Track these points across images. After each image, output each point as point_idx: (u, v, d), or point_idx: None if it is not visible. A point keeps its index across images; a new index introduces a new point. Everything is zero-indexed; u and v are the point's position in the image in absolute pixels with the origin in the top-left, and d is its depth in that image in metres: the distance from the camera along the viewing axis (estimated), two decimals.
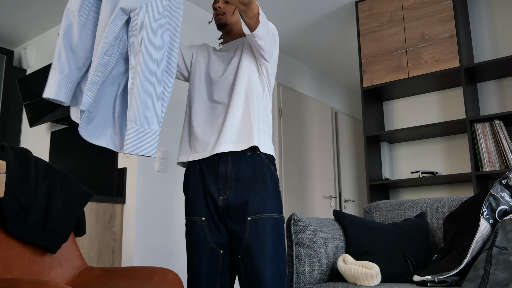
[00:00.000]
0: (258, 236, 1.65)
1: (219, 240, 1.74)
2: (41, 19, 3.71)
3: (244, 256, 1.67)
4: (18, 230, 1.49)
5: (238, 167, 1.72)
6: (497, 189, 1.84)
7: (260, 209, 1.68)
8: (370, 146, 3.31)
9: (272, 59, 1.82)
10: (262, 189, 1.70)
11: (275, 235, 1.68)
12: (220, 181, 1.73)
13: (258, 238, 1.65)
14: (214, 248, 1.73)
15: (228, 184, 1.72)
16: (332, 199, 4.67)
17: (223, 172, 1.73)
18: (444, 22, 3.05)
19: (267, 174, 1.72)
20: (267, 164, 1.74)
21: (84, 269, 1.70)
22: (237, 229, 1.69)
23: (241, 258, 1.68)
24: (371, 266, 1.76)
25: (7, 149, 1.55)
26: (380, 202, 2.38)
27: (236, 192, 1.71)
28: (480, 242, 1.74)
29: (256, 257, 1.64)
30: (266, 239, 1.65)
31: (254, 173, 1.71)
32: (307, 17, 3.78)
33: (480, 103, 3.21)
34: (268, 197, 1.70)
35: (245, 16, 1.62)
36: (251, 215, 1.67)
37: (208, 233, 1.75)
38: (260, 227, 1.66)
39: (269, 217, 1.68)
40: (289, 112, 4.33)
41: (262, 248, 1.64)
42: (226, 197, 1.72)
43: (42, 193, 1.58)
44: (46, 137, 3.66)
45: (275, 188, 1.74)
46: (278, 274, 1.65)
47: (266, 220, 1.67)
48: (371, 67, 3.31)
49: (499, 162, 2.79)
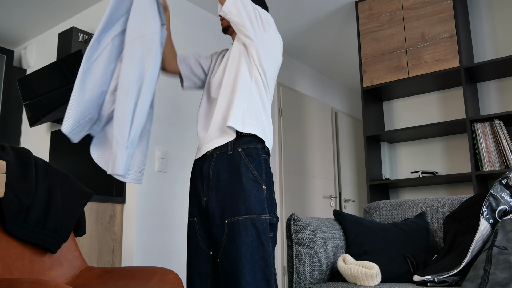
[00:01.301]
0: (233, 239, 1.62)
1: (208, 241, 1.73)
2: (41, 19, 3.71)
3: (222, 260, 1.64)
4: (18, 230, 1.48)
5: (218, 167, 1.72)
6: (497, 189, 1.84)
7: (235, 211, 1.64)
8: (370, 146, 3.31)
9: (261, 40, 1.80)
10: (237, 190, 1.66)
11: (252, 237, 1.61)
12: (204, 182, 1.75)
13: (233, 241, 1.61)
14: (204, 249, 1.73)
15: (210, 185, 1.73)
16: (332, 199, 4.67)
17: (206, 172, 1.75)
18: (444, 22, 3.05)
19: (243, 174, 1.67)
20: (245, 162, 1.69)
21: (84, 269, 1.70)
22: (216, 232, 1.67)
23: (219, 261, 1.66)
24: (371, 266, 1.76)
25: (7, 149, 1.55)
26: (380, 202, 2.38)
27: (216, 193, 1.70)
28: (480, 242, 1.74)
29: (231, 261, 1.60)
30: (240, 243, 1.60)
31: (232, 174, 1.69)
32: (307, 17, 3.78)
33: (480, 103, 3.21)
34: (243, 198, 1.65)
35: None
36: (228, 218, 1.65)
37: (198, 233, 1.76)
38: (235, 230, 1.62)
39: (243, 219, 1.63)
40: (289, 112, 4.33)
41: (236, 252, 1.60)
42: (208, 198, 1.72)
43: (42, 193, 1.58)
44: (46, 137, 3.66)
45: (253, 187, 1.67)
46: (260, 278, 1.60)
47: (241, 223, 1.62)
48: (371, 67, 3.31)
49: (499, 162, 2.79)
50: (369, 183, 3.18)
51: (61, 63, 3.19)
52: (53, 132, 3.57)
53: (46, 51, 3.86)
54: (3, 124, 3.77)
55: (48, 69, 3.30)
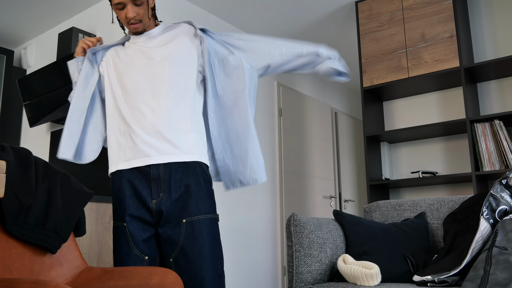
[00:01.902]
0: (195, 238, 1.63)
1: (144, 247, 1.74)
2: (41, 19, 3.71)
3: (178, 259, 1.65)
4: (18, 230, 1.48)
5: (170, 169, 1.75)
6: (497, 189, 1.84)
7: (195, 210, 1.66)
8: (370, 146, 3.31)
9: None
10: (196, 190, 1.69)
11: (211, 235, 1.66)
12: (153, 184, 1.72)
13: (194, 240, 1.63)
14: (138, 255, 1.73)
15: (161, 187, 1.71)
16: (332, 199, 4.67)
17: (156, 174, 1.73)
18: (444, 22, 3.05)
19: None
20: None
21: (84, 269, 1.70)
22: (170, 232, 1.67)
23: (173, 261, 1.65)
24: (371, 266, 1.76)
25: (7, 149, 1.55)
26: (380, 202, 2.38)
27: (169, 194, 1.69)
28: (480, 242, 1.74)
29: (193, 260, 1.62)
30: (202, 241, 1.63)
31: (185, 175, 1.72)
32: (307, 17, 3.78)
33: (480, 103, 3.21)
34: (202, 198, 1.68)
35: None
36: (186, 218, 1.65)
37: (130, 239, 1.78)
38: (196, 229, 1.64)
39: (204, 218, 1.66)
40: (289, 112, 4.33)
41: (199, 250, 1.62)
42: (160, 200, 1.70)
43: (42, 193, 1.58)
44: (46, 137, 3.65)
45: (209, 188, 1.72)
46: (217, 275, 1.65)
47: (202, 222, 1.65)
48: (371, 67, 3.31)
49: (499, 162, 2.79)
50: (369, 183, 3.18)
51: (61, 63, 3.19)
52: (53, 132, 3.57)
53: (46, 51, 3.86)
54: (3, 124, 3.77)
55: (48, 69, 3.30)
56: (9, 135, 3.81)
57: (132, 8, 1.70)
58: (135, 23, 1.74)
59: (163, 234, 1.68)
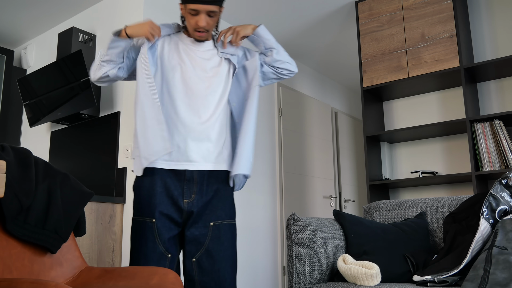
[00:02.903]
0: (220, 241, 1.75)
1: (169, 244, 1.84)
2: (41, 19, 3.71)
3: (202, 260, 1.73)
4: (18, 230, 1.48)
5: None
6: (497, 189, 1.84)
7: (222, 215, 1.78)
8: (370, 146, 3.31)
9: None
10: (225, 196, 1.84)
11: (234, 240, 1.80)
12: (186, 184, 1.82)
13: (220, 243, 1.75)
14: (163, 252, 1.83)
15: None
16: (332, 199, 4.67)
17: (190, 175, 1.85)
18: (444, 22, 3.05)
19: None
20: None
21: (84, 269, 1.70)
22: (196, 234, 1.76)
23: (196, 261, 1.74)
24: (371, 266, 1.76)
25: (7, 149, 1.55)
26: (380, 202, 2.38)
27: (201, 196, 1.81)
28: (480, 242, 1.74)
29: (217, 261, 1.73)
30: (227, 244, 1.76)
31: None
32: (307, 17, 3.78)
33: (480, 103, 3.21)
34: (229, 204, 1.83)
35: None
36: (214, 221, 1.76)
37: (158, 236, 1.89)
38: (222, 232, 1.76)
39: (229, 223, 1.80)
40: (289, 112, 4.33)
41: (223, 252, 1.74)
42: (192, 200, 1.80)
43: (42, 193, 1.58)
44: (46, 137, 3.66)
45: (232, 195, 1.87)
46: (235, 276, 1.78)
47: (227, 226, 1.78)
48: (371, 67, 3.31)
49: (499, 162, 2.79)
50: (369, 183, 3.18)
51: (61, 63, 3.19)
52: (53, 132, 3.57)
53: (46, 51, 3.86)
54: (3, 124, 3.77)
55: (48, 69, 3.30)
56: (9, 135, 3.81)
57: (205, 17, 1.75)
58: (202, 32, 1.79)
59: (190, 234, 1.75)
